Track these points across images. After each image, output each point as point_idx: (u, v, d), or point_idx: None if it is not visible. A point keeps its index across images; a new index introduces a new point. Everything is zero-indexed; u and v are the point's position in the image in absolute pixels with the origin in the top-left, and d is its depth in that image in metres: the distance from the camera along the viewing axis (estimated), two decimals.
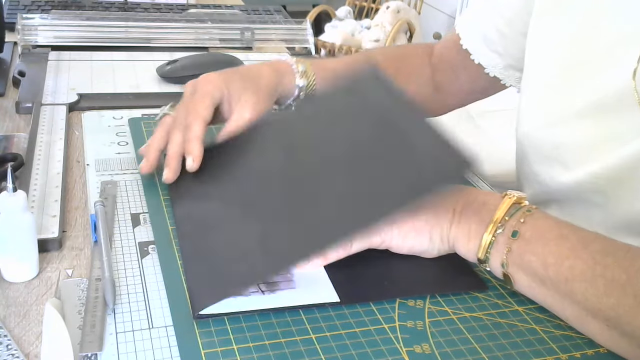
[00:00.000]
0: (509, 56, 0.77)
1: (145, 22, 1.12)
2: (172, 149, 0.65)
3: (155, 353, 0.47)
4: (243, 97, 0.68)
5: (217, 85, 0.68)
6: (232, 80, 0.69)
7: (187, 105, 0.67)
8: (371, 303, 0.53)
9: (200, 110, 0.66)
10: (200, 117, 0.65)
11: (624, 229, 0.63)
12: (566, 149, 0.66)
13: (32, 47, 1.03)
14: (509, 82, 0.80)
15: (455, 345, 0.50)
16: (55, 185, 0.65)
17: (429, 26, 3.31)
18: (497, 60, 0.78)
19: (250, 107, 0.68)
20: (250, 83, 0.70)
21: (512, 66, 0.78)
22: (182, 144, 0.65)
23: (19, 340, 0.47)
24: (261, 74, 0.72)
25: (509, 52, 0.77)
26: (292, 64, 0.75)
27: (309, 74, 0.75)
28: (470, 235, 0.56)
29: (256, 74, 0.72)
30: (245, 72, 0.72)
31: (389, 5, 3.00)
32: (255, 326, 0.50)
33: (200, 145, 0.64)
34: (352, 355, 0.48)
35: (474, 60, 0.80)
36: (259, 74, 0.72)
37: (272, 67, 0.74)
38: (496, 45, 0.78)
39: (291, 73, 0.75)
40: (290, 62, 0.76)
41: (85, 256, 0.57)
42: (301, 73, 0.75)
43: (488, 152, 1.40)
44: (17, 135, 0.77)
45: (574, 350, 0.51)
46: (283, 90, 0.74)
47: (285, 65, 0.75)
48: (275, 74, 0.73)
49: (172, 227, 0.60)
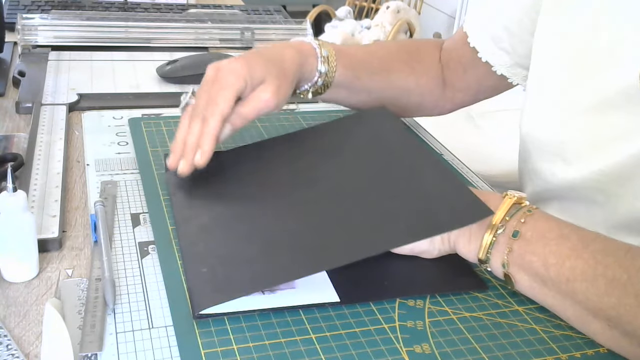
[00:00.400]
0: (516, 54, 0.77)
1: (145, 22, 1.12)
2: (190, 140, 0.64)
3: (155, 353, 0.47)
4: (266, 80, 0.66)
5: (240, 75, 0.64)
6: (255, 66, 0.66)
7: (209, 93, 0.65)
8: (371, 303, 0.53)
9: (220, 103, 0.63)
10: (219, 111, 0.63)
11: (624, 228, 0.64)
12: (570, 146, 0.66)
13: (32, 47, 1.03)
14: (516, 80, 0.80)
15: (455, 345, 0.50)
16: (55, 185, 0.65)
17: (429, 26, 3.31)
18: (504, 59, 0.78)
19: (272, 90, 0.66)
20: (274, 66, 0.67)
21: (519, 64, 0.78)
22: (199, 135, 0.64)
23: (19, 340, 0.47)
24: (284, 56, 0.70)
25: (516, 51, 0.77)
26: (316, 47, 0.73)
27: (331, 60, 0.73)
28: (470, 235, 0.56)
29: (279, 56, 0.69)
30: (269, 55, 0.69)
31: (389, 5, 3.00)
32: (255, 326, 0.50)
33: (213, 141, 0.63)
34: (352, 355, 0.48)
35: (482, 58, 0.80)
36: (282, 56, 0.70)
37: (296, 49, 0.71)
38: (504, 44, 0.78)
39: (314, 56, 0.72)
40: (314, 44, 0.73)
41: (85, 256, 0.57)
42: (324, 58, 0.73)
43: (488, 152, 1.41)
44: (17, 135, 0.77)
45: (574, 350, 0.51)
46: (304, 74, 0.72)
47: (308, 48, 0.73)
48: (298, 55, 0.71)
49: (172, 227, 0.60)
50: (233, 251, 0.55)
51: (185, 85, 0.96)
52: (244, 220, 0.60)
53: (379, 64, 0.77)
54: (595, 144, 0.64)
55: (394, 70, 0.79)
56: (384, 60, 0.78)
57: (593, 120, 0.64)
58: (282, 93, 0.67)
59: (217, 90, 0.64)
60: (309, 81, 0.73)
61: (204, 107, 0.64)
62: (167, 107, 0.88)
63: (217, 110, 0.63)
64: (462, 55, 0.83)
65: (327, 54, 0.73)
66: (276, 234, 0.57)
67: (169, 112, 0.86)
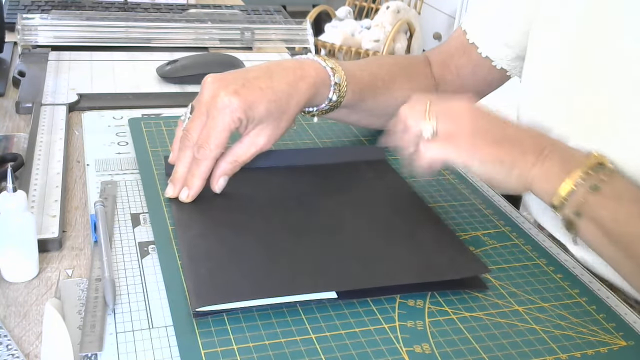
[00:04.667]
0: (518, 47, 0.78)
1: (145, 22, 1.12)
2: (180, 170, 0.63)
3: (155, 353, 0.47)
4: (265, 122, 0.64)
5: (236, 115, 0.62)
6: (256, 106, 0.63)
7: (201, 128, 0.62)
8: (371, 303, 0.53)
9: (212, 146, 0.62)
10: (210, 155, 0.62)
11: None
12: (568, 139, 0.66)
13: (32, 47, 1.03)
14: (516, 73, 0.81)
15: (455, 345, 0.50)
16: (55, 185, 0.65)
17: (429, 26, 3.31)
18: (506, 52, 0.79)
19: (268, 135, 0.64)
20: (277, 108, 0.64)
21: (520, 57, 0.79)
22: (189, 164, 0.63)
23: (19, 340, 0.47)
24: (297, 90, 0.66)
25: (518, 43, 0.78)
26: (330, 75, 0.69)
27: (342, 87, 0.71)
28: (550, 179, 0.58)
29: (291, 90, 0.66)
30: (278, 89, 0.64)
31: (389, 5, 3.00)
32: (255, 326, 0.50)
33: (202, 182, 0.63)
34: (352, 355, 0.48)
35: (481, 54, 0.80)
36: (295, 90, 0.66)
37: (312, 81, 0.67)
38: (505, 37, 0.78)
39: (327, 86, 0.70)
40: (328, 70, 0.69)
41: (85, 256, 0.57)
42: (337, 86, 0.70)
43: None
44: (17, 135, 0.77)
45: (574, 350, 0.51)
46: (312, 102, 0.69)
47: (324, 76, 0.69)
48: (312, 89, 0.68)
49: (172, 227, 0.60)
50: (233, 259, 0.56)
51: (185, 85, 0.96)
52: (245, 234, 0.60)
53: (382, 84, 0.77)
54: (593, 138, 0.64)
55: (396, 87, 0.79)
56: (386, 80, 0.78)
57: (590, 114, 0.65)
58: (279, 134, 0.66)
59: (210, 129, 0.62)
60: (317, 106, 0.72)
61: (196, 143, 0.63)
62: (167, 107, 0.88)
63: (209, 154, 0.62)
64: (461, 66, 0.83)
65: (339, 80, 0.70)
66: (277, 251, 0.58)
67: (169, 112, 0.86)
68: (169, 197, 0.64)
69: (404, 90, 0.79)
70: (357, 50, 2.87)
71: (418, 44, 3.02)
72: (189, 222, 0.61)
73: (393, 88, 0.78)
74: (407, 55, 0.83)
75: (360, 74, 0.75)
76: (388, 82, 0.78)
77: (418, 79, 0.83)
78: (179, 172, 0.64)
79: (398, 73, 0.80)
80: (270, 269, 0.55)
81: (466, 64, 0.82)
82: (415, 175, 0.71)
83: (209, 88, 0.63)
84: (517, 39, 0.77)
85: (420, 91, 0.81)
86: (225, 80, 0.63)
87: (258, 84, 0.64)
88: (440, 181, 0.74)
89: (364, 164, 0.74)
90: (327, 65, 0.70)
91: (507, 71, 0.81)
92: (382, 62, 0.81)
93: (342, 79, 0.71)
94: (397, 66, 0.82)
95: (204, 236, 0.59)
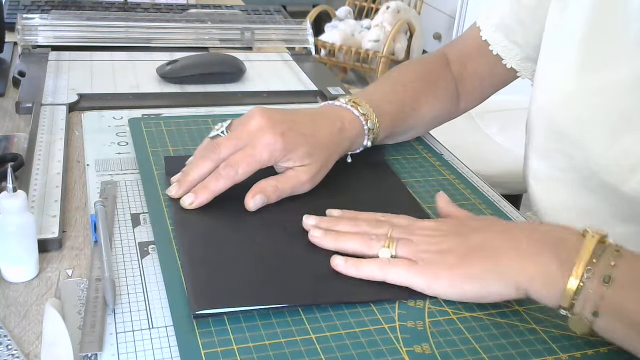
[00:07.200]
0: (528, 47, 0.78)
1: (145, 22, 1.12)
2: (192, 175, 0.63)
3: (155, 353, 0.47)
4: (306, 159, 0.65)
5: (275, 154, 0.63)
6: (296, 150, 0.64)
7: (235, 152, 0.63)
8: (371, 303, 0.53)
9: (240, 173, 0.62)
10: (233, 179, 0.62)
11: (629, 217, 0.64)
12: (581, 127, 0.66)
13: (32, 47, 1.03)
14: (525, 74, 0.81)
15: (455, 345, 0.50)
16: (55, 185, 0.65)
17: (429, 26, 3.31)
18: (515, 51, 0.79)
19: (312, 174, 0.65)
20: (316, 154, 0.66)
21: (529, 58, 0.79)
22: (204, 175, 0.63)
23: (19, 340, 0.47)
24: (336, 142, 0.68)
25: (529, 43, 0.78)
26: (364, 124, 0.71)
27: (375, 131, 0.72)
28: (549, 278, 0.50)
29: (330, 140, 0.67)
30: (319, 137, 0.66)
31: (389, 5, 3.01)
32: (255, 326, 0.50)
33: (210, 198, 0.62)
34: (352, 355, 0.48)
35: (492, 51, 0.80)
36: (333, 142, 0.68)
37: (349, 134, 0.69)
38: (516, 36, 0.79)
39: (362, 135, 0.71)
40: (361, 120, 0.70)
41: (85, 256, 0.57)
42: (370, 131, 0.71)
43: (488, 152, 1.41)
44: (17, 135, 0.77)
45: (574, 350, 0.51)
46: (347, 152, 0.71)
47: (359, 127, 0.70)
48: (349, 141, 0.70)
49: (172, 227, 0.60)
50: (233, 263, 0.55)
51: (185, 85, 0.96)
52: (244, 237, 0.60)
53: (410, 109, 0.78)
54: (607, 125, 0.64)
55: (421, 105, 0.79)
56: (412, 103, 0.78)
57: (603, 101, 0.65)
58: (318, 178, 0.67)
59: (246, 155, 0.62)
60: (352, 151, 0.73)
61: (226, 161, 0.63)
62: (167, 107, 0.88)
63: (233, 176, 0.62)
64: (478, 66, 0.83)
65: (372, 126, 0.71)
66: (277, 254, 0.57)
67: (169, 112, 0.86)
68: (170, 195, 0.64)
69: (429, 104, 0.80)
70: (357, 50, 2.87)
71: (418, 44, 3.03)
72: (188, 224, 0.61)
73: (419, 108, 0.79)
74: (425, 58, 0.82)
75: (388, 108, 0.75)
76: (413, 104, 0.78)
77: (440, 89, 0.82)
78: (190, 176, 0.63)
79: (421, 90, 0.80)
80: (270, 273, 0.55)
81: (483, 64, 0.83)
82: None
83: (258, 120, 0.64)
84: (527, 39, 0.78)
85: (442, 102, 0.81)
86: (274, 119, 0.64)
87: (302, 130, 0.65)
88: (441, 181, 0.74)
89: (364, 165, 0.74)
90: (359, 113, 0.71)
91: (516, 71, 0.81)
92: (404, 79, 0.81)
93: (375, 123, 0.72)
94: (419, 81, 0.81)
95: (204, 238, 0.59)
